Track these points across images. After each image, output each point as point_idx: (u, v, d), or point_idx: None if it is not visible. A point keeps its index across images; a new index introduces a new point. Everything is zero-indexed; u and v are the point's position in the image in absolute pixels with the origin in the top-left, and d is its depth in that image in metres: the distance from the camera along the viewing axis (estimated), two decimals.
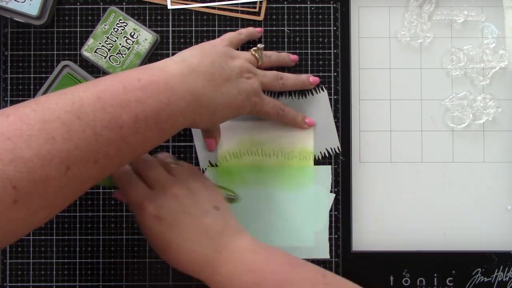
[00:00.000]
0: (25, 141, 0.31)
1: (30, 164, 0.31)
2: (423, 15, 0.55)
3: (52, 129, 0.32)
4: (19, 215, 0.31)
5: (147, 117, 0.37)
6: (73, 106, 0.34)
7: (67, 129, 0.33)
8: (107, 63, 0.53)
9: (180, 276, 0.53)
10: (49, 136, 0.32)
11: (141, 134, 0.37)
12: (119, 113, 0.35)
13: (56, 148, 0.32)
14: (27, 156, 0.31)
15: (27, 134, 0.31)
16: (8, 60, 0.54)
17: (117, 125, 0.35)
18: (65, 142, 0.32)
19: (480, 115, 0.54)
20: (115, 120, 0.35)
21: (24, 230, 0.33)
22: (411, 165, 0.55)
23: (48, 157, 0.32)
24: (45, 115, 0.33)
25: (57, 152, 0.32)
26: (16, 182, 0.30)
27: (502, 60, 0.55)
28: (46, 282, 0.53)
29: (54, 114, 0.33)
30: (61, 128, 0.32)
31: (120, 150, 0.36)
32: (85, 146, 0.33)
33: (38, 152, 0.31)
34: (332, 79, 0.54)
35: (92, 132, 0.34)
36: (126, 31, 0.52)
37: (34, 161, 0.31)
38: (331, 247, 0.53)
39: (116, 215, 0.53)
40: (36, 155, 0.31)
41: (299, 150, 0.54)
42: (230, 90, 0.44)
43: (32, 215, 0.32)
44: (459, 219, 0.54)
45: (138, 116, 0.36)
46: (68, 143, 0.32)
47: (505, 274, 0.53)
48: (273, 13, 0.54)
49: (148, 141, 0.38)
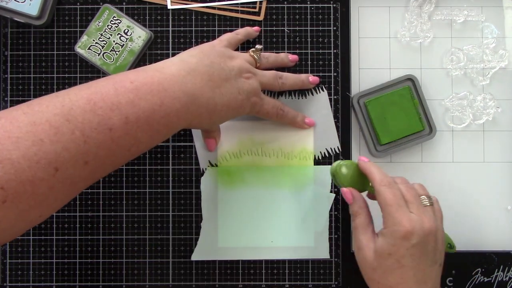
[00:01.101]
0: (13, 143, 0.32)
1: (17, 166, 0.32)
2: (423, 15, 0.55)
3: (40, 131, 0.33)
4: (9, 215, 0.32)
5: (138, 119, 0.37)
6: (62, 108, 0.34)
7: (55, 131, 0.33)
8: (100, 60, 0.53)
9: (180, 277, 0.53)
10: (37, 138, 0.33)
11: (132, 136, 0.37)
12: (108, 115, 0.35)
13: (43, 150, 0.33)
14: (14, 158, 0.31)
15: (15, 136, 0.32)
16: (8, 60, 0.54)
17: (106, 127, 0.35)
18: (52, 144, 0.33)
19: (480, 115, 0.54)
20: (104, 122, 0.35)
21: (17, 230, 0.34)
22: (411, 165, 0.55)
23: (35, 159, 0.32)
24: (34, 118, 0.33)
25: (45, 154, 0.33)
26: (4, 183, 0.31)
27: (502, 60, 0.55)
28: (46, 282, 0.53)
29: (43, 117, 0.33)
30: (49, 130, 0.33)
31: (111, 152, 0.36)
32: (74, 148, 0.34)
33: (25, 153, 0.32)
34: (332, 79, 0.54)
35: (81, 134, 0.34)
36: (120, 28, 0.52)
37: (21, 162, 0.32)
38: (331, 247, 0.53)
39: (116, 215, 0.53)
40: (23, 156, 0.32)
41: (299, 150, 0.54)
42: (229, 90, 0.44)
43: (22, 214, 0.33)
44: (459, 219, 0.54)
45: (128, 118, 0.36)
46: (56, 145, 0.33)
47: (505, 274, 0.53)
48: (273, 13, 0.54)
49: (141, 143, 0.38)
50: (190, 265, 0.53)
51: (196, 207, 0.53)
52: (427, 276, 0.42)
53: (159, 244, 0.53)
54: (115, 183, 0.53)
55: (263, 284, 0.53)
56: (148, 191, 0.53)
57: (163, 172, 0.53)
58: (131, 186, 0.53)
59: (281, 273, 0.53)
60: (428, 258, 0.42)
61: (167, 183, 0.53)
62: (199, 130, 0.53)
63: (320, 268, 0.53)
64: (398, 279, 0.42)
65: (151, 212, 0.53)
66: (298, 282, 0.53)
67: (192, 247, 0.53)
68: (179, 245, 0.53)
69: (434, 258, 0.43)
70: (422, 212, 0.43)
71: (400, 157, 0.55)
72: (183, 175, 0.53)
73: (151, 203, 0.53)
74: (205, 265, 0.53)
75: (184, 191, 0.53)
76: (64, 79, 0.54)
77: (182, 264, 0.53)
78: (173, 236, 0.53)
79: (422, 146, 0.55)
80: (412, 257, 0.41)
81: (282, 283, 0.53)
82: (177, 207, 0.53)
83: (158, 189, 0.53)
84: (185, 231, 0.53)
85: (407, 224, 0.41)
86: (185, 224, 0.53)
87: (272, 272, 0.53)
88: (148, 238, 0.53)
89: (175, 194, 0.53)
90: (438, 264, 0.44)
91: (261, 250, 0.53)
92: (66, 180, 0.34)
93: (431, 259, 0.42)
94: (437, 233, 0.43)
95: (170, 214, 0.53)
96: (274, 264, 0.53)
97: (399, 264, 0.41)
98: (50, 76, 0.54)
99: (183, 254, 0.53)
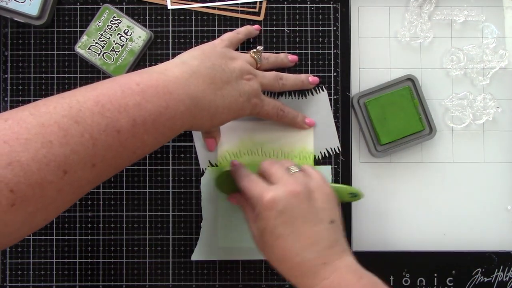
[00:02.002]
0: (22, 145, 0.31)
1: (27, 168, 0.31)
2: (423, 15, 0.55)
3: (49, 133, 0.32)
4: (17, 218, 0.31)
5: (145, 122, 0.37)
6: (70, 110, 0.34)
7: (64, 133, 0.33)
8: (100, 60, 0.53)
9: (180, 277, 0.53)
10: (46, 140, 0.32)
11: (138, 138, 0.37)
12: (116, 117, 0.35)
13: (52, 152, 0.32)
14: (23, 160, 0.31)
15: (24, 137, 0.31)
16: (8, 60, 0.54)
17: (114, 130, 0.35)
18: (62, 146, 0.32)
19: (480, 115, 0.54)
20: (112, 124, 0.35)
21: (23, 233, 0.33)
22: (411, 165, 0.55)
23: (45, 161, 0.32)
24: (42, 119, 0.33)
25: (54, 156, 0.32)
26: (13, 186, 0.30)
27: (502, 60, 0.55)
28: (46, 282, 0.53)
29: (52, 119, 0.33)
30: (58, 132, 0.33)
31: (118, 154, 0.36)
32: (83, 150, 0.33)
33: (34, 155, 0.31)
34: (332, 79, 0.54)
35: (90, 137, 0.34)
36: (120, 28, 0.52)
37: (31, 164, 0.31)
38: None
39: (116, 215, 0.53)
40: (32, 158, 0.31)
41: (299, 150, 0.54)
42: (230, 93, 0.44)
43: (29, 218, 0.32)
44: (459, 219, 0.54)
45: (136, 120, 0.36)
46: (65, 147, 0.33)
47: (505, 274, 0.53)
48: (273, 13, 0.54)
49: (146, 145, 0.38)
50: (190, 265, 0.53)
51: (196, 207, 0.53)
52: (316, 237, 0.41)
53: (159, 244, 0.53)
54: (115, 183, 0.53)
55: (263, 284, 0.53)
56: (148, 191, 0.53)
57: (163, 172, 0.53)
58: (131, 186, 0.53)
59: None
60: (306, 219, 0.41)
61: (167, 183, 0.53)
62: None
63: None
64: (281, 251, 0.41)
65: (151, 212, 0.53)
66: None
67: (192, 247, 0.53)
68: (179, 245, 0.53)
69: (317, 218, 0.42)
70: (286, 179, 0.43)
71: (400, 157, 0.55)
72: (183, 175, 0.53)
73: (151, 203, 0.53)
74: (205, 265, 0.53)
75: (184, 191, 0.53)
76: (64, 79, 0.54)
77: (182, 264, 0.53)
78: (173, 236, 0.53)
79: (422, 146, 0.55)
80: (285, 224, 0.41)
81: (282, 283, 0.53)
82: (177, 207, 0.53)
83: (158, 189, 0.53)
84: (185, 231, 0.53)
85: (266, 194, 0.42)
86: (185, 224, 0.53)
87: (272, 272, 0.53)
88: (148, 238, 0.53)
89: (175, 194, 0.53)
90: (327, 222, 0.42)
91: None
92: (74, 183, 0.34)
93: (312, 220, 0.42)
94: (311, 193, 0.43)
95: (170, 214, 0.53)
96: None
97: (276, 235, 0.41)
98: (50, 76, 0.54)
99: (183, 254, 0.53)
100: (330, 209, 0.43)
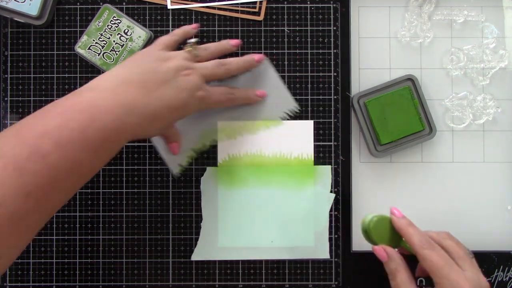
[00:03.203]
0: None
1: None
2: (423, 15, 0.55)
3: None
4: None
5: (71, 140, 0.36)
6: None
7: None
8: (100, 60, 0.53)
9: (180, 277, 0.53)
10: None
11: (69, 159, 0.36)
12: (37, 143, 0.35)
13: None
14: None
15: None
16: (8, 60, 0.54)
17: (39, 156, 0.35)
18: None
19: (480, 115, 0.54)
20: (35, 150, 0.35)
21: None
22: (411, 165, 0.55)
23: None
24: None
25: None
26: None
27: (502, 60, 0.55)
28: (46, 282, 0.53)
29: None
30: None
31: (52, 179, 0.36)
32: (10, 182, 0.34)
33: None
34: (332, 79, 0.54)
35: (13, 168, 0.34)
36: (120, 28, 0.52)
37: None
38: (331, 247, 0.53)
39: (116, 215, 0.53)
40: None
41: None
42: (167, 92, 0.43)
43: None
44: (459, 219, 0.54)
45: (60, 141, 0.36)
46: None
47: (505, 274, 0.53)
48: (273, 13, 0.54)
49: (82, 164, 0.38)
50: (190, 265, 0.53)
51: (196, 207, 0.53)
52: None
53: (159, 244, 0.53)
54: (115, 183, 0.53)
55: (263, 284, 0.53)
56: (148, 191, 0.53)
57: (163, 172, 0.53)
58: (131, 186, 0.53)
59: (281, 273, 0.53)
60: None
61: (167, 183, 0.53)
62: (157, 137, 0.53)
63: (320, 268, 0.53)
64: None
65: (151, 212, 0.53)
66: (298, 282, 0.53)
67: (192, 247, 0.53)
68: (179, 245, 0.53)
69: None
70: (475, 268, 0.42)
71: (400, 157, 0.55)
72: (183, 175, 0.53)
73: (151, 203, 0.53)
74: (205, 265, 0.53)
75: (184, 191, 0.53)
76: (64, 79, 0.54)
77: (182, 264, 0.53)
78: (173, 236, 0.53)
79: (422, 146, 0.55)
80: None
81: (282, 283, 0.53)
82: (177, 207, 0.53)
83: (158, 189, 0.53)
84: (185, 231, 0.53)
85: (466, 286, 0.40)
86: (185, 224, 0.53)
87: (272, 272, 0.53)
88: (148, 238, 0.53)
89: (175, 194, 0.53)
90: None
91: (261, 250, 0.53)
92: (13, 216, 0.34)
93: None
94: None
95: (170, 214, 0.53)
96: (274, 264, 0.53)
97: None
98: (50, 76, 0.54)
99: (183, 254, 0.53)
100: None
